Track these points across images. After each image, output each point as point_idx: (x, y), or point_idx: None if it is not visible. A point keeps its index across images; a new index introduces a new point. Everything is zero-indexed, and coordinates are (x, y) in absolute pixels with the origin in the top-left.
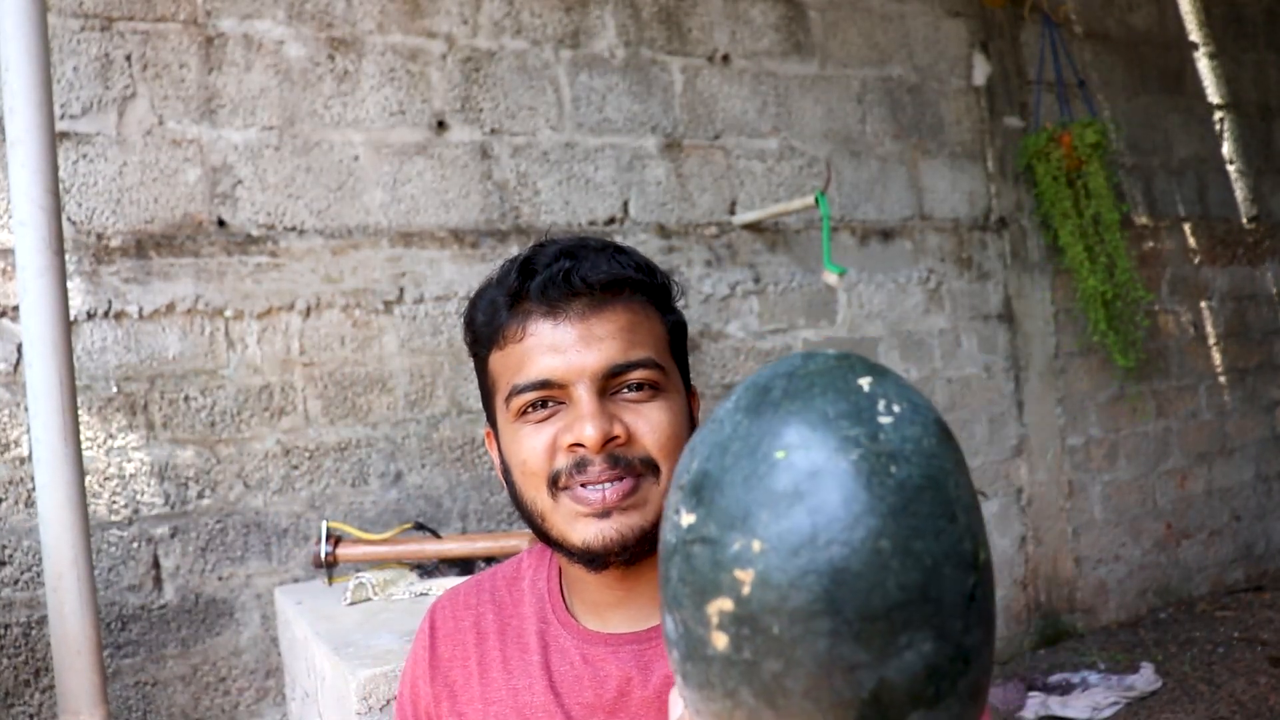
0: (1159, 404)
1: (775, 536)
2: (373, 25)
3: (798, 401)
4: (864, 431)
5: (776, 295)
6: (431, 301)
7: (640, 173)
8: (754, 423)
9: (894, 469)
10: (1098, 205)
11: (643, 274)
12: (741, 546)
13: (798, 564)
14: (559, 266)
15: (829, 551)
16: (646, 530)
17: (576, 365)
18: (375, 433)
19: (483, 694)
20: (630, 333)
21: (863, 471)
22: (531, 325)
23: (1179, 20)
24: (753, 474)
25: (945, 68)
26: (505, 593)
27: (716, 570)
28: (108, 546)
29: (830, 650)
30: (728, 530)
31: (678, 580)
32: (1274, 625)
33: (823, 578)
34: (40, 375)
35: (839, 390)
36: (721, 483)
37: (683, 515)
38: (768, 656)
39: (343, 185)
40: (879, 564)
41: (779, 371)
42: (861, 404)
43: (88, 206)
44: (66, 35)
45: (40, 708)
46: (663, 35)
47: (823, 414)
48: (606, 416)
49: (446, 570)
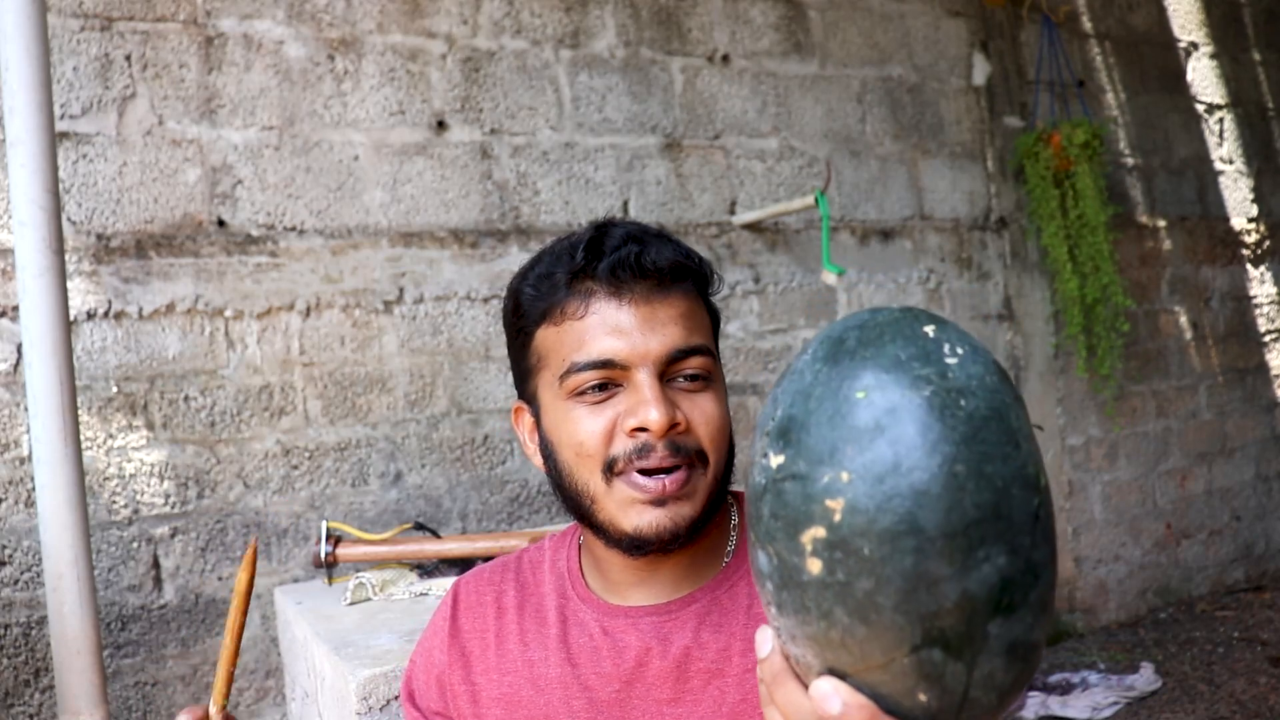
0: (1159, 404)
1: (861, 467)
2: (373, 25)
3: (871, 348)
4: (933, 370)
5: (776, 295)
6: (431, 301)
7: (640, 172)
8: (833, 370)
9: (963, 402)
10: (1084, 206)
11: (697, 264)
12: (830, 478)
13: (883, 490)
14: (628, 250)
15: (910, 477)
16: (695, 520)
17: (640, 348)
18: (375, 433)
19: (498, 665)
20: (689, 319)
21: (935, 405)
22: (595, 304)
23: (1179, 20)
24: (836, 414)
25: (945, 67)
26: (529, 573)
27: (808, 502)
28: (108, 546)
29: (916, 566)
30: (817, 465)
31: (769, 516)
32: (1274, 625)
33: (905, 500)
34: (40, 375)
35: (907, 337)
36: (807, 424)
37: (771, 457)
38: (860, 576)
39: (343, 185)
40: (955, 486)
41: (850, 325)
42: (929, 347)
43: (88, 206)
44: (66, 35)
45: (40, 708)
46: (662, 35)
47: (894, 358)
48: (669, 402)
49: (446, 570)
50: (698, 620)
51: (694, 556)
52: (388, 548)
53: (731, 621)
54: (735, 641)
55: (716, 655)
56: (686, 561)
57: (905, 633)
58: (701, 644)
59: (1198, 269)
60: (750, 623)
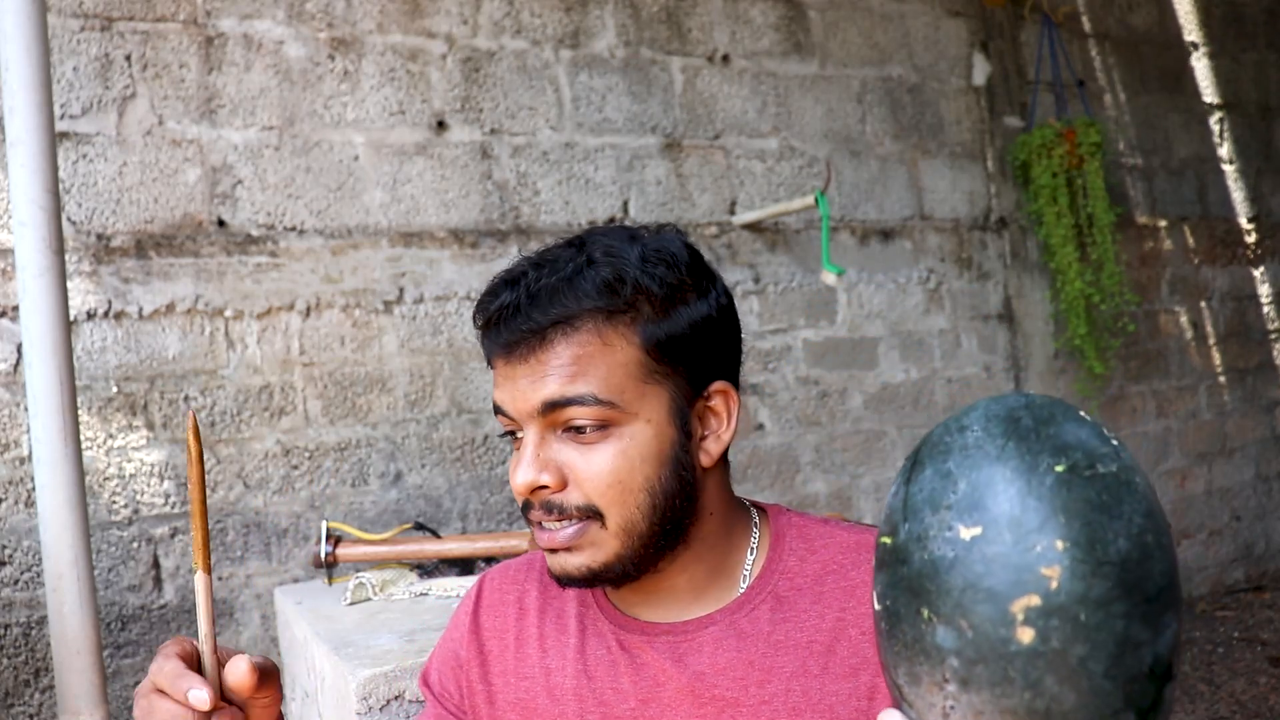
0: (1159, 404)
1: (1074, 535)
2: (373, 25)
3: (1052, 427)
4: (1111, 451)
5: (776, 295)
6: (431, 301)
7: (640, 173)
8: (1020, 445)
9: (1136, 479)
10: (1093, 205)
11: (603, 299)
12: (1044, 548)
13: (1095, 557)
14: (508, 299)
15: (1117, 544)
16: (595, 569)
17: (520, 404)
18: (375, 433)
19: (516, 669)
20: (574, 367)
21: (1122, 481)
22: (495, 356)
23: (1179, 20)
24: (1039, 487)
25: (945, 68)
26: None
27: (1020, 572)
28: (108, 546)
29: (1126, 630)
30: (1027, 535)
31: (964, 588)
32: (1274, 625)
33: (1115, 567)
34: (40, 375)
35: (1077, 420)
36: (1008, 496)
37: (962, 530)
38: (1075, 642)
39: (343, 185)
40: (1148, 555)
41: (1014, 405)
42: (1098, 430)
43: (88, 206)
44: (66, 35)
45: (40, 708)
46: (663, 35)
47: (1077, 437)
48: (539, 463)
49: (446, 570)
50: (715, 645)
51: (695, 581)
52: (388, 548)
53: (750, 649)
54: (754, 671)
55: (733, 684)
56: (687, 585)
57: (1110, 698)
58: (719, 670)
59: (1198, 269)
60: (770, 651)
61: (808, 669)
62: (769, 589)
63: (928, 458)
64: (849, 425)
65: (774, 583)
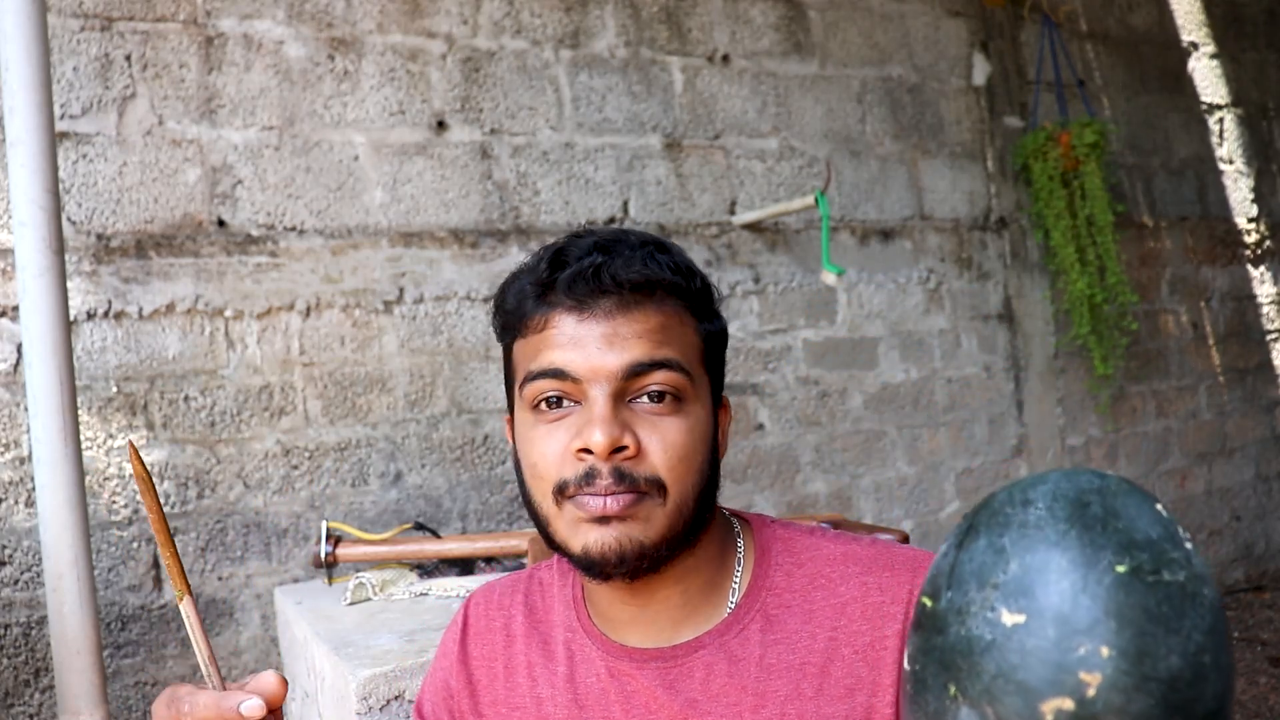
0: (1159, 404)
1: (1124, 644)
2: (373, 25)
3: (1122, 520)
4: (1182, 555)
5: (776, 295)
6: (431, 301)
7: (640, 173)
8: (1083, 535)
9: (1205, 590)
10: (1092, 206)
11: (679, 276)
12: (1088, 650)
13: (1143, 671)
14: (590, 261)
15: (1168, 661)
16: (646, 546)
17: (596, 364)
18: (375, 433)
19: (506, 699)
20: (660, 334)
21: (1188, 592)
22: (556, 318)
23: (1179, 20)
24: (1096, 585)
25: (945, 68)
26: (538, 597)
27: (1059, 671)
28: (108, 546)
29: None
30: (1072, 635)
31: (995, 675)
32: (1274, 625)
33: (1162, 685)
34: (40, 375)
35: (1151, 515)
36: (1059, 587)
37: (1005, 614)
38: None
39: (343, 185)
40: (1202, 675)
41: (1085, 487)
42: (1171, 530)
43: (88, 206)
44: (66, 35)
45: (40, 708)
46: (663, 35)
47: (1148, 536)
48: (618, 424)
49: (446, 570)
50: (706, 670)
51: (686, 594)
52: (388, 548)
53: (743, 673)
54: (747, 696)
55: (726, 710)
56: (680, 600)
57: None
58: (711, 696)
59: (1198, 269)
60: (763, 675)
61: (802, 692)
62: (757, 607)
63: (984, 526)
64: (849, 425)
65: (762, 600)
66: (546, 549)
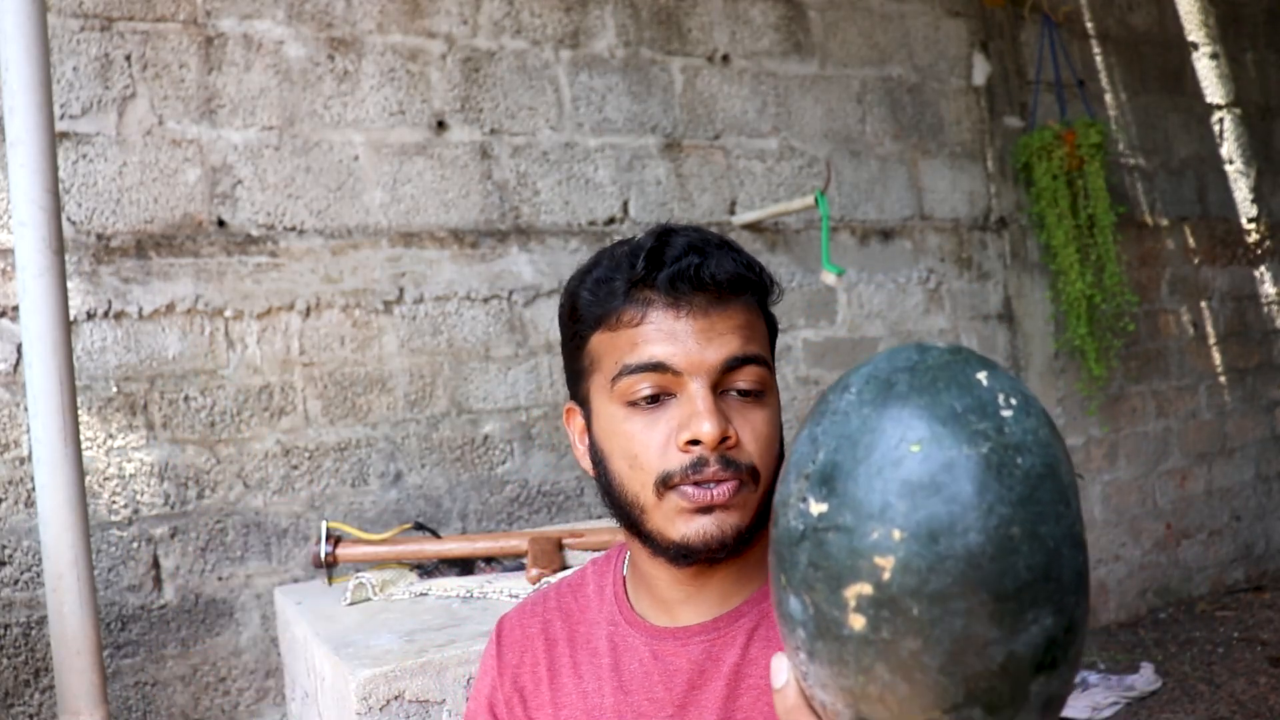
0: (1159, 404)
1: (914, 525)
2: (373, 25)
3: (925, 396)
4: (990, 425)
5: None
6: (431, 301)
7: (640, 173)
8: (881, 415)
9: (1020, 460)
10: (1094, 206)
11: (757, 275)
12: (881, 535)
13: (936, 550)
14: (689, 261)
15: (966, 539)
16: (742, 531)
17: (695, 356)
18: (375, 433)
19: (553, 699)
20: (747, 330)
21: (993, 464)
22: (653, 313)
23: (1179, 20)
24: (888, 466)
25: (945, 68)
26: (571, 600)
27: (855, 557)
28: (108, 546)
29: (966, 629)
30: (866, 520)
31: (808, 565)
32: (1274, 625)
33: (960, 563)
34: (40, 375)
35: (961, 385)
36: (855, 473)
37: (812, 504)
38: (906, 636)
39: (343, 185)
40: (1010, 549)
41: (898, 366)
42: (984, 398)
43: (88, 206)
44: (66, 35)
45: (40, 708)
46: (662, 35)
47: (950, 409)
48: (722, 415)
49: (446, 570)
50: (746, 636)
51: (741, 569)
52: (388, 548)
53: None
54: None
55: (764, 670)
56: (734, 575)
57: (948, 693)
58: (750, 659)
59: (1198, 269)
60: None
61: None
62: None
63: (811, 416)
64: None
65: None
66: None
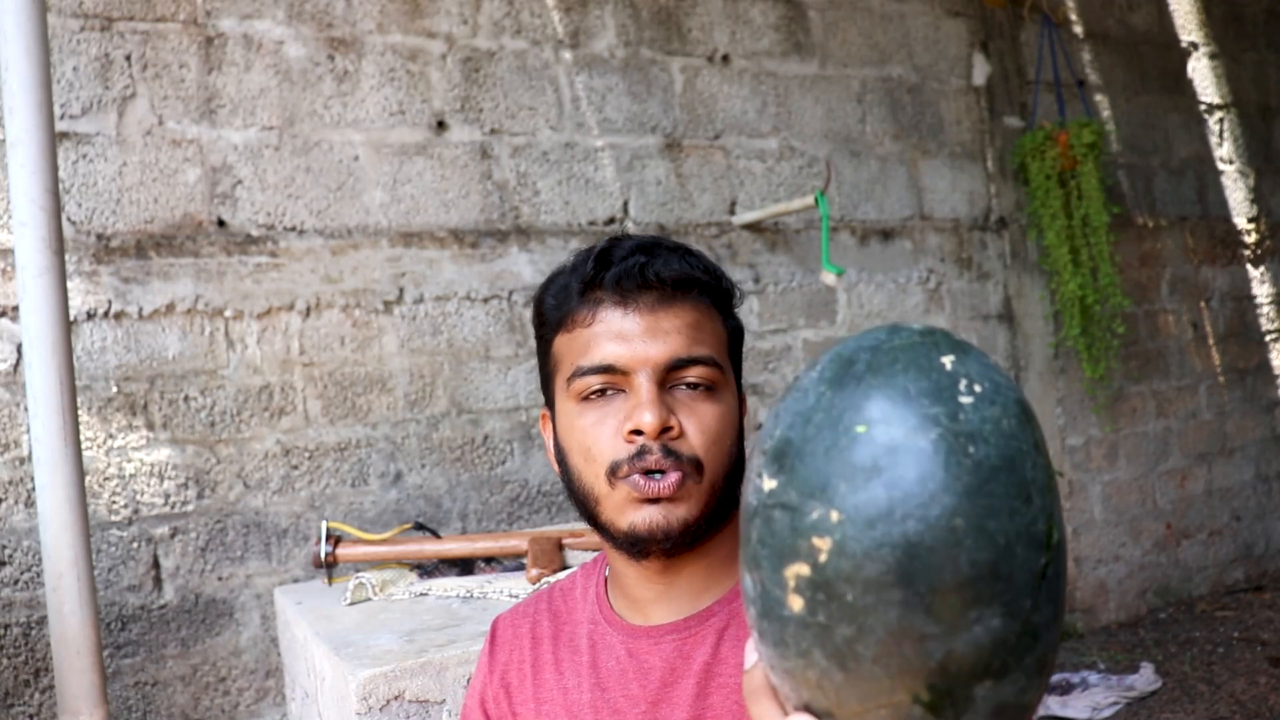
0: (1159, 404)
1: (853, 508)
2: (373, 25)
3: (880, 376)
4: (944, 410)
5: (776, 295)
6: (431, 301)
7: (640, 173)
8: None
9: (972, 449)
10: (1088, 207)
11: (710, 276)
12: (820, 515)
13: (873, 536)
14: (634, 260)
15: (904, 526)
16: (689, 523)
17: (641, 354)
18: (375, 433)
19: (535, 695)
20: (695, 330)
21: (940, 450)
22: (602, 312)
23: (1179, 20)
24: (834, 445)
25: (945, 68)
26: (561, 602)
27: (795, 536)
28: (108, 546)
29: (901, 620)
30: (807, 498)
31: (757, 541)
32: (1274, 625)
33: (896, 550)
34: (40, 375)
35: (921, 368)
36: (803, 451)
37: (764, 479)
38: (840, 622)
39: (343, 185)
40: (952, 541)
41: (863, 344)
42: (943, 383)
43: (88, 206)
44: (66, 35)
45: (40, 708)
46: (662, 35)
47: (904, 390)
48: (664, 406)
49: (446, 570)
50: (716, 635)
51: (709, 567)
52: (388, 548)
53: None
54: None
55: (734, 669)
56: (702, 573)
57: (883, 685)
58: (721, 658)
59: (1198, 269)
60: None
61: None
62: None
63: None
64: None
65: None
66: (547, 549)
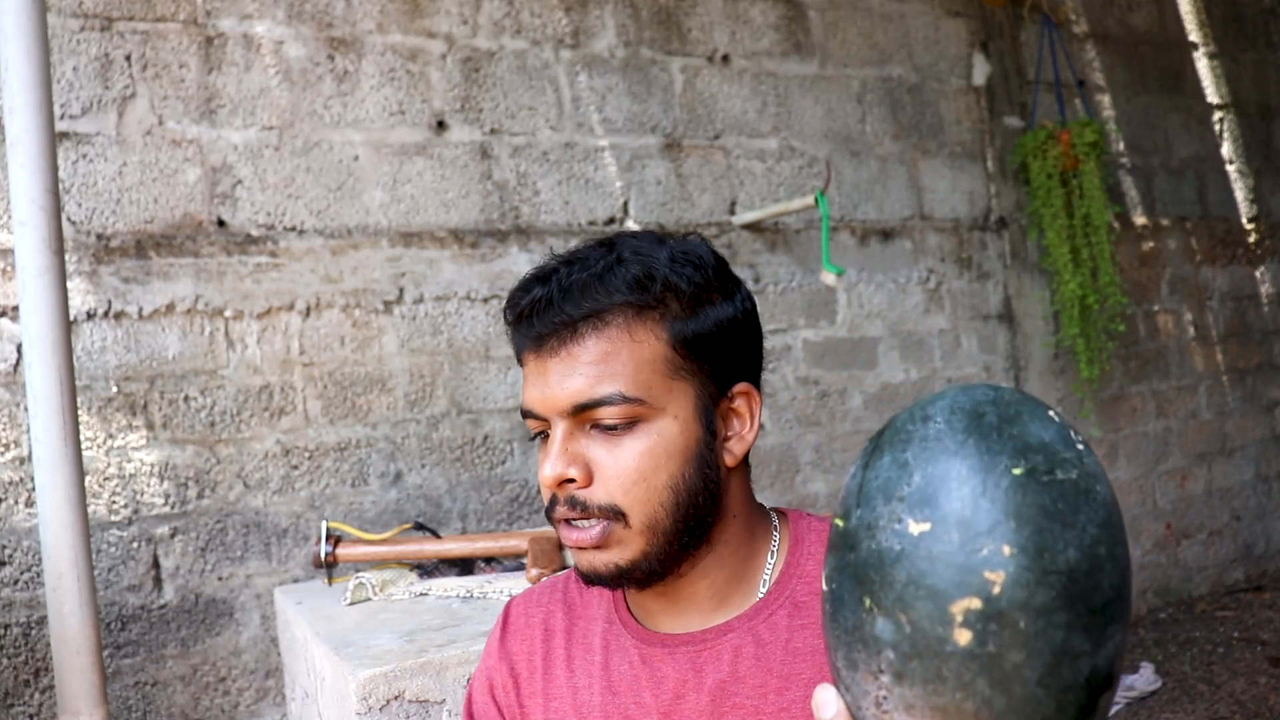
0: (1159, 404)
1: (1022, 541)
2: (373, 25)
3: (1016, 426)
4: (1074, 455)
5: (776, 295)
6: (431, 301)
7: (640, 173)
8: (980, 443)
9: (1098, 487)
10: (1089, 206)
11: (633, 293)
12: (990, 551)
13: (1041, 565)
14: (533, 297)
15: (1066, 554)
16: (623, 568)
17: (551, 400)
18: (375, 433)
19: (545, 689)
20: (602, 365)
21: (1081, 488)
22: (526, 355)
23: (1179, 20)
24: (995, 488)
25: (945, 68)
26: (576, 594)
27: (965, 573)
28: (108, 546)
29: (1065, 641)
30: (975, 537)
31: (906, 583)
32: (1274, 625)
33: (1062, 577)
34: (40, 375)
35: (1042, 420)
36: (958, 495)
37: (910, 524)
38: (1012, 649)
39: (343, 185)
40: (1098, 565)
41: (980, 400)
42: (1063, 432)
43: (88, 206)
44: (66, 35)
45: (40, 708)
46: (662, 35)
47: (1040, 439)
48: (567, 456)
49: (446, 570)
50: (734, 653)
51: (713, 586)
52: (388, 548)
53: (769, 656)
54: (772, 679)
55: (753, 691)
56: (708, 593)
57: (1041, 705)
58: (739, 678)
59: (1198, 269)
60: (788, 658)
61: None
62: (786, 594)
63: (888, 445)
64: (849, 425)
65: (791, 588)
66: (547, 549)
